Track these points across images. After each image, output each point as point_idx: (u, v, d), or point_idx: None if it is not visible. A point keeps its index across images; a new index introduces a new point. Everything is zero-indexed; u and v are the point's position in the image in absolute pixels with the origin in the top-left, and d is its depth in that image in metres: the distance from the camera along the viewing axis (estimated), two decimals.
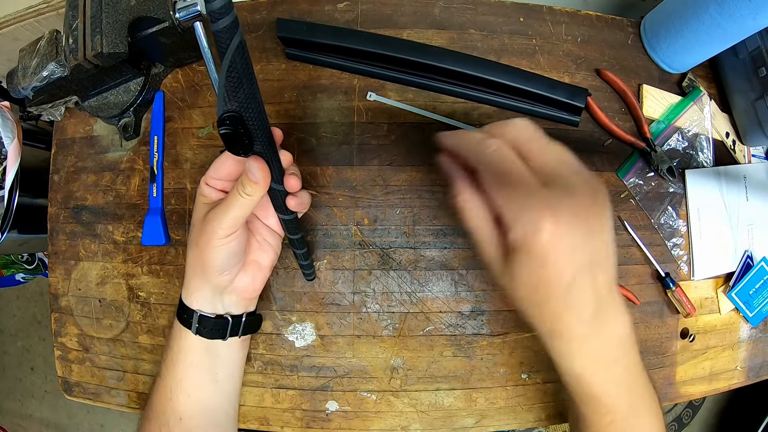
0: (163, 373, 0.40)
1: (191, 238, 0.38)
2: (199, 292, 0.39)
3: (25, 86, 0.44)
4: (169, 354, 0.40)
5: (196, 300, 0.39)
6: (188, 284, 0.39)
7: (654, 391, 0.33)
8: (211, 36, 0.25)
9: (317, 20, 0.50)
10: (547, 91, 0.46)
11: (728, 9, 0.43)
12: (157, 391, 0.41)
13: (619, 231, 0.50)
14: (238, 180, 0.33)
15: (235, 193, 0.33)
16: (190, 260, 0.38)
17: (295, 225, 0.39)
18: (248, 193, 0.33)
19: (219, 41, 0.24)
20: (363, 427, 0.48)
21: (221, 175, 0.37)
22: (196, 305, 0.39)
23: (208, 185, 0.37)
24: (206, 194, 0.37)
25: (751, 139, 0.55)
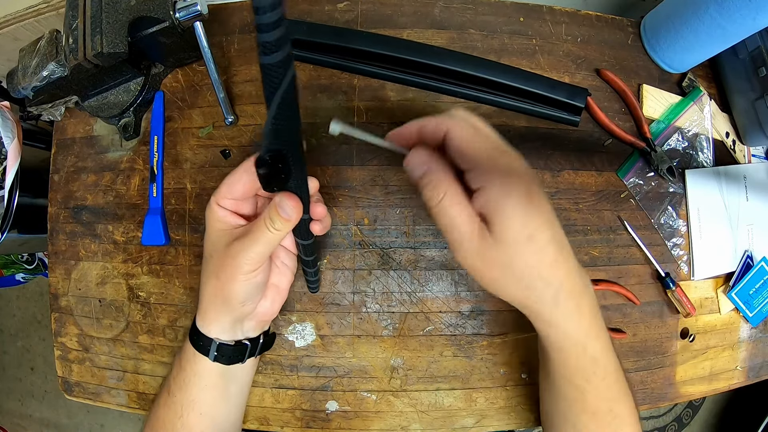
0: (174, 391, 0.39)
1: (209, 269, 0.35)
2: (218, 322, 0.37)
3: (25, 86, 0.44)
4: (181, 375, 0.39)
5: (215, 329, 0.37)
6: (205, 314, 0.37)
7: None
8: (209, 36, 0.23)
9: (317, 20, 0.50)
10: (547, 91, 0.46)
11: (728, 9, 0.43)
12: (166, 407, 0.40)
13: (619, 231, 0.50)
14: (265, 214, 0.32)
15: (262, 227, 0.32)
16: (208, 291, 0.36)
17: (312, 248, 0.38)
18: (278, 229, 0.31)
19: (269, 76, 0.22)
20: (363, 427, 0.48)
21: (236, 195, 0.34)
22: (214, 334, 0.37)
23: (220, 206, 0.35)
24: (221, 217, 0.35)
25: (751, 139, 0.55)
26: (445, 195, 0.28)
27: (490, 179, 0.28)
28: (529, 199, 0.27)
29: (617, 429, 0.35)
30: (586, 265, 0.50)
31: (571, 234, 0.50)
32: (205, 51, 0.44)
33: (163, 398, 0.40)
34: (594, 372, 0.33)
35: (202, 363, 0.38)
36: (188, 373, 0.38)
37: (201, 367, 0.38)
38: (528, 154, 0.50)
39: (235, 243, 0.33)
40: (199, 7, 0.42)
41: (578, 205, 0.50)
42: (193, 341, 0.38)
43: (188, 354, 0.38)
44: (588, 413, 0.35)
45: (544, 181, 0.50)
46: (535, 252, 0.28)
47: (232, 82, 0.50)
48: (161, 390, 0.41)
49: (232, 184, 0.34)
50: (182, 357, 0.39)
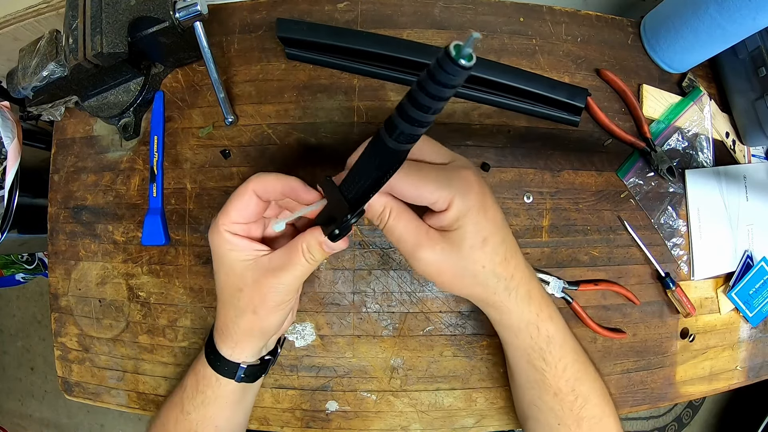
0: (188, 410, 0.38)
1: (241, 305, 0.34)
2: (250, 350, 0.37)
3: (25, 86, 0.44)
4: (199, 397, 0.38)
5: (245, 355, 0.37)
6: (236, 345, 0.36)
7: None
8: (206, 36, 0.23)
9: (317, 20, 0.50)
10: (547, 91, 0.46)
11: (728, 9, 0.43)
12: (177, 422, 0.39)
13: (619, 231, 0.51)
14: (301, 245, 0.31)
15: (299, 257, 0.31)
16: (242, 326, 0.35)
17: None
18: (316, 259, 0.31)
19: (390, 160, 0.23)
20: (363, 427, 0.48)
21: (248, 219, 0.33)
22: (242, 359, 0.37)
23: (231, 233, 0.33)
24: (235, 245, 0.33)
25: (751, 139, 0.55)
26: (390, 213, 0.31)
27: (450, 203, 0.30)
28: (484, 210, 0.31)
29: (582, 409, 0.36)
30: (586, 265, 0.50)
31: (571, 234, 0.50)
32: (205, 51, 0.44)
33: (174, 415, 0.39)
34: (550, 351, 0.35)
35: (227, 386, 0.38)
36: (208, 395, 0.38)
37: (225, 390, 0.38)
38: (528, 154, 0.50)
39: (269, 276, 0.32)
40: (199, 7, 0.42)
41: (578, 205, 0.50)
42: (217, 368, 0.37)
43: (210, 379, 0.37)
44: (550, 393, 0.37)
45: (544, 181, 0.50)
46: (488, 254, 0.31)
47: (232, 82, 0.50)
48: (170, 406, 0.40)
49: (242, 210, 0.32)
50: (200, 380, 0.38)
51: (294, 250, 0.31)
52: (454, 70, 0.15)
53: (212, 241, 0.33)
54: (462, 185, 0.30)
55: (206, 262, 0.49)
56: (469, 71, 0.16)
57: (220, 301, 0.36)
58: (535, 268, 0.49)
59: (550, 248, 0.49)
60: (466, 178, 0.30)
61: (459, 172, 0.31)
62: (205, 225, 0.49)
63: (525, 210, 0.49)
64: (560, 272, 0.49)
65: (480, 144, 0.49)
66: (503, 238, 0.32)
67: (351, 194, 0.26)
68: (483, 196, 0.31)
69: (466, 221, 0.30)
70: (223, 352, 0.37)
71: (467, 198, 0.30)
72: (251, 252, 0.33)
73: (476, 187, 0.31)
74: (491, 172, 0.49)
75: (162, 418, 0.41)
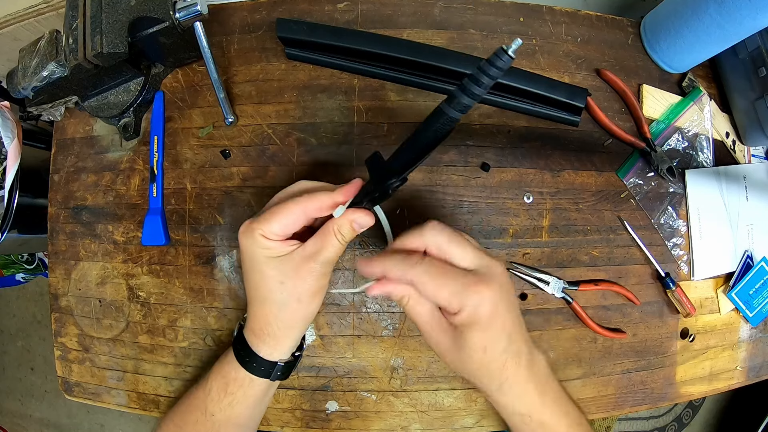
0: (213, 411, 0.39)
1: (284, 297, 0.35)
2: (288, 345, 0.38)
3: (25, 86, 0.44)
4: (226, 398, 0.39)
5: (282, 353, 0.38)
6: (278, 342, 0.37)
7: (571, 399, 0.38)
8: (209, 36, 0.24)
9: (317, 20, 0.50)
10: (547, 91, 0.46)
11: (728, 9, 0.43)
12: (198, 424, 0.39)
13: (619, 231, 0.50)
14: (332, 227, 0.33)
15: (331, 237, 0.34)
16: (286, 318, 0.36)
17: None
18: (346, 238, 0.34)
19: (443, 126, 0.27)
20: (363, 427, 0.48)
21: (290, 233, 0.34)
22: (279, 357, 0.38)
23: (268, 239, 0.34)
24: (270, 247, 0.34)
25: (751, 139, 0.55)
26: (408, 300, 0.33)
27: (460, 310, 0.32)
28: (491, 322, 0.32)
29: None
30: (586, 265, 0.50)
31: (571, 234, 0.50)
32: (205, 51, 0.44)
33: (194, 417, 0.40)
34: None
35: (259, 386, 0.39)
36: (238, 396, 0.39)
37: (257, 389, 0.39)
38: (528, 154, 0.50)
39: (308, 262, 0.34)
40: (199, 7, 0.42)
41: (578, 205, 0.50)
42: (252, 369, 0.38)
43: (242, 381, 0.38)
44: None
45: (544, 181, 0.50)
46: (486, 360, 0.33)
47: (232, 82, 0.50)
48: (189, 409, 0.41)
49: (288, 225, 0.34)
50: (230, 383, 0.39)
51: (327, 233, 0.34)
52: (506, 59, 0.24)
53: (246, 245, 0.34)
54: (475, 299, 0.31)
55: (206, 262, 0.49)
56: (512, 60, 0.24)
57: (257, 300, 0.36)
58: (535, 267, 0.49)
59: (550, 248, 0.49)
60: (480, 293, 0.31)
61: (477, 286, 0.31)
62: (205, 225, 0.49)
63: (525, 210, 0.49)
64: (560, 272, 0.49)
65: (480, 144, 0.49)
66: (506, 347, 0.33)
67: (396, 165, 0.31)
68: (494, 308, 0.32)
69: (471, 330, 0.32)
70: (261, 352, 0.37)
71: (477, 311, 0.31)
72: (286, 248, 0.34)
73: (488, 303, 0.31)
74: (491, 172, 0.49)
75: (176, 421, 0.41)
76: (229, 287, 0.48)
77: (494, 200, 0.49)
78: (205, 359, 0.49)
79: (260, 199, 0.48)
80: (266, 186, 0.49)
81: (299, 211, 0.33)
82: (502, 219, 0.49)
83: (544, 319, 0.49)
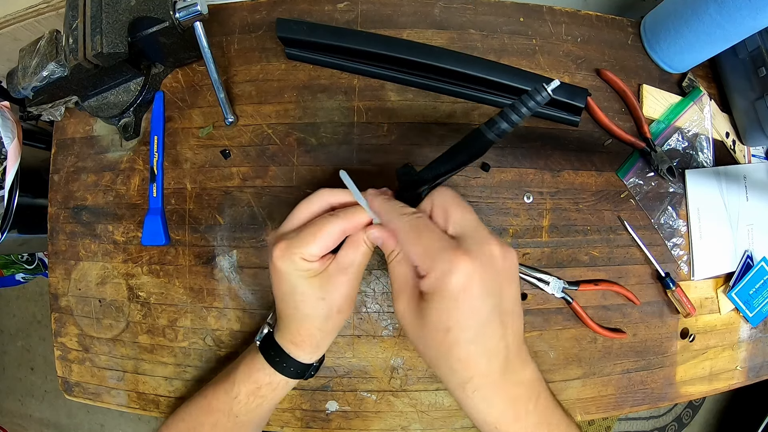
0: (238, 413, 0.40)
1: (325, 312, 0.35)
2: (325, 348, 0.40)
3: (25, 86, 0.44)
4: (256, 401, 0.39)
5: (319, 355, 0.39)
6: (318, 348, 0.38)
7: (572, 420, 0.33)
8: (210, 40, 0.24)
9: (317, 20, 0.50)
10: None
11: (728, 9, 0.43)
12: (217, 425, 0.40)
13: (619, 231, 0.50)
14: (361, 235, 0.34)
15: (362, 246, 0.34)
16: (329, 328, 0.37)
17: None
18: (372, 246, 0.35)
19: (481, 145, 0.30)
20: (363, 427, 0.48)
21: (326, 252, 0.34)
22: (314, 359, 0.39)
23: (306, 260, 0.34)
24: (310, 269, 0.34)
25: (751, 139, 0.55)
26: (395, 256, 0.32)
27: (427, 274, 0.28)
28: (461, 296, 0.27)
29: None
30: (586, 265, 0.50)
31: (571, 234, 0.50)
32: (205, 51, 0.44)
33: (213, 419, 0.40)
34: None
35: (291, 385, 0.40)
36: (269, 398, 0.40)
37: (288, 389, 0.41)
38: (528, 154, 0.50)
39: (344, 274, 0.35)
40: (199, 7, 0.42)
41: (578, 205, 0.50)
42: (289, 373, 0.39)
43: (278, 384, 0.39)
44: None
45: (544, 181, 0.50)
46: (448, 345, 0.28)
47: (232, 82, 0.50)
48: (208, 411, 0.41)
49: (327, 247, 0.34)
50: (262, 387, 0.39)
51: (358, 244, 0.34)
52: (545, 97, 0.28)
53: (284, 269, 0.34)
54: (446, 267, 0.27)
55: (206, 262, 0.49)
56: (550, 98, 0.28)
57: (296, 317, 0.36)
58: (535, 268, 0.49)
59: (550, 248, 0.49)
60: (454, 261, 0.27)
61: (454, 251, 0.28)
62: (205, 225, 0.49)
63: (525, 210, 0.49)
64: (560, 272, 0.49)
65: None
66: (474, 337, 0.28)
67: (429, 175, 0.32)
68: (467, 284, 0.27)
69: (435, 301, 0.28)
70: (300, 358, 0.38)
71: (444, 279, 0.27)
72: (323, 266, 0.35)
73: (460, 275, 0.27)
74: (491, 172, 0.49)
75: (190, 422, 0.42)
76: (229, 287, 0.48)
77: (494, 200, 0.49)
78: (205, 359, 0.49)
79: (260, 199, 0.48)
80: (266, 186, 0.49)
81: (338, 231, 0.34)
82: (502, 219, 0.49)
83: (544, 319, 0.49)
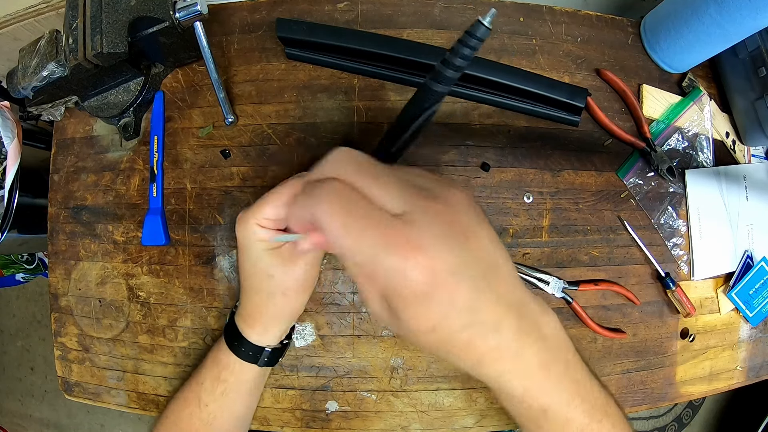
0: (207, 401, 0.40)
1: (271, 288, 0.35)
2: (275, 333, 0.39)
3: (25, 86, 0.44)
4: (220, 387, 0.40)
5: (271, 339, 0.39)
6: (267, 330, 0.39)
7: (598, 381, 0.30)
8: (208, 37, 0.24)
9: (317, 20, 0.50)
10: (547, 91, 0.46)
11: (728, 9, 0.43)
12: (192, 416, 0.40)
13: (619, 231, 0.50)
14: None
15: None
16: (274, 309, 0.37)
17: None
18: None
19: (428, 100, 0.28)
20: (363, 427, 0.48)
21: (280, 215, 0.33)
22: (267, 342, 0.39)
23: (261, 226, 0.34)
24: (264, 238, 0.34)
25: (751, 139, 0.55)
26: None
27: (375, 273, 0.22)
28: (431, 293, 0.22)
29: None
30: (586, 265, 0.50)
31: (571, 234, 0.50)
32: (205, 51, 0.44)
33: (189, 411, 0.40)
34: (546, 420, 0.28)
35: (249, 372, 0.40)
36: (231, 383, 0.40)
37: (247, 375, 0.40)
38: (528, 154, 0.50)
39: (296, 257, 0.34)
40: (199, 7, 0.42)
41: (578, 205, 0.50)
42: (241, 353, 0.39)
43: (233, 366, 0.40)
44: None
45: (544, 181, 0.50)
46: (440, 341, 0.24)
47: (232, 82, 0.50)
48: (183, 404, 0.41)
49: (278, 208, 0.33)
50: (222, 370, 0.40)
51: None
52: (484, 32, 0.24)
53: (241, 233, 0.34)
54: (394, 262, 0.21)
55: (206, 262, 0.49)
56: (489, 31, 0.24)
57: (248, 289, 0.37)
58: (535, 267, 0.49)
59: (550, 248, 0.49)
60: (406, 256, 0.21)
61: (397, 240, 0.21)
62: (205, 225, 0.49)
63: (525, 210, 0.49)
64: (560, 272, 0.49)
65: (480, 144, 0.49)
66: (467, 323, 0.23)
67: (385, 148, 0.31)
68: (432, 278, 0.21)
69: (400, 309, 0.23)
70: (251, 338, 0.38)
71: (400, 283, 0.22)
72: (278, 242, 0.35)
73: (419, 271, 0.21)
74: (491, 172, 0.49)
75: (171, 417, 0.42)
76: (229, 287, 0.48)
77: (494, 200, 0.49)
78: None
79: None
80: (266, 186, 0.49)
81: (289, 193, 0.33)
82: (502, 219, 0.49)
83: None
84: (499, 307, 0.24)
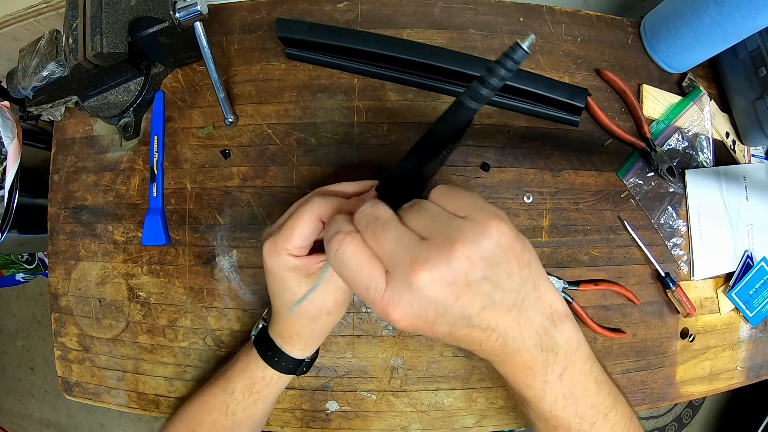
0: (235, 410, 0.40)
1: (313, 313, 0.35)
2: (316, 346, 0.40)
3: (25, 86, 0.44)
4: (251, 397, 0.40)
5: (309, 351, 0.40)
6: (308, 346, 0.39)
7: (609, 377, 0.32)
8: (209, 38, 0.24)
9: (317, 20, 0.50)
10: (547, 91, 0.46)
11: (728, 9, 0.43)
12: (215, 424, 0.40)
13: (619, 231, 0.50)
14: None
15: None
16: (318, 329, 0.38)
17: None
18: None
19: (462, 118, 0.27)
20: (363, 427, 0.48)
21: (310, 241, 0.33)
22: (307, 355, 0.40)
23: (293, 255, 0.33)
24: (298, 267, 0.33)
25: (751, 139, 0.55)
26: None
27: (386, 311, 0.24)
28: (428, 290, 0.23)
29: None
30: (586, 265, 0.50)
31: (571, 234, 0.50)
32: (205, 51, 0.44)
33: (212, 418, 0.41)
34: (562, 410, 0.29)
35: (285, 382, 0.41)
36: (264, 394, 0.40)
37: (281, 384, 0.41)
38: (528, 154, 0.50)
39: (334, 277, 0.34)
40: (199, 7, 0.42)
41: (578, 205, 0.50)
42: (281, 368, 0.39)
43: (270, 379, 0.40)
44: None
45: (544, 181, 0.50)
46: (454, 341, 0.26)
47: (232, 82, 0.50)
48: (205, 410, 0.41)
49: (306, 235, 0.32)
50: (256, 382, 0.40)
51: None
52: (522, 55, 0.25)
53: (272, 264, 0.33)
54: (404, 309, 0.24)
55: (206, 262, 0.49)
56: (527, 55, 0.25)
57: (283, 315, 0.37)
58: None
59: (550, 248, 0.49)
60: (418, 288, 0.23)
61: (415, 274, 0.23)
62: (205, 225, 0.49)
63: (525, 210, 0.49)
64: (560, 272, 0.49)
65: (480, 144, 0.49)
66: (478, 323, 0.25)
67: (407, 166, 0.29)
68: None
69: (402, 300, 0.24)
70: (292, 353, 0.39)
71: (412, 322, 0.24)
72: (313, 267, 0.34)
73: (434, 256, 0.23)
74: (491, 172, 0.49)
75: (190, 422, 0.42)
76: (229, 287, 0.48)
77: (494, 200, 0.49)
78: (205, 359, 0.49)
79: (260, 199, 0.48)
80: (266, 186, 0.49)
81: (314, 217, 0.32)
82: None
83: None
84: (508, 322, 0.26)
